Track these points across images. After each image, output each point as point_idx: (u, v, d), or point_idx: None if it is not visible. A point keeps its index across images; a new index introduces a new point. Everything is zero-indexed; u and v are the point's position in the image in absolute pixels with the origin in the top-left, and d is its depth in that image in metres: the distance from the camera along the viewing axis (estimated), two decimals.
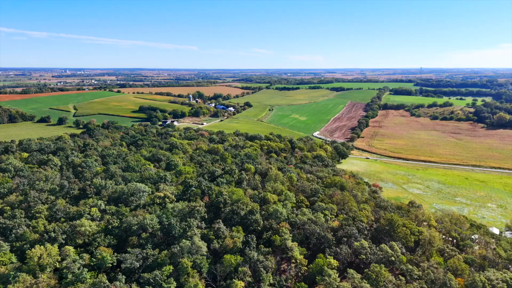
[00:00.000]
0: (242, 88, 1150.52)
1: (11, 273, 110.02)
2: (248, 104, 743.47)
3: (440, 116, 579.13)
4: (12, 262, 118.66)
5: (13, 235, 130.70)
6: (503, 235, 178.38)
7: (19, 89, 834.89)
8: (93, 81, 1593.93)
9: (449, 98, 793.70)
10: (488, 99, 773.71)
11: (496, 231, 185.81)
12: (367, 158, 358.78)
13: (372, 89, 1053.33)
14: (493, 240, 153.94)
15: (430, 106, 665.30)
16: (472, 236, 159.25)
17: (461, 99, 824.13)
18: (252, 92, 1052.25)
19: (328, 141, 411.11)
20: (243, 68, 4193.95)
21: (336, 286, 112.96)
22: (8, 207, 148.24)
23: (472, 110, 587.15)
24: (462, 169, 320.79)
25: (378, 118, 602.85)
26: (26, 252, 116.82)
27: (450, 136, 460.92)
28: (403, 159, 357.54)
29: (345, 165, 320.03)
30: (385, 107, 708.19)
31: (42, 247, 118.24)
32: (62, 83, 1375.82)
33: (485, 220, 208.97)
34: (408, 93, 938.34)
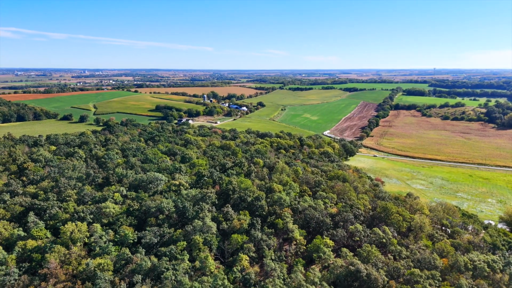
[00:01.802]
0: (256, 88, 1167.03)
1: (47, 245, 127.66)
2: (261, 104, 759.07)
3: (451, 117, 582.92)
4: (47, 237, 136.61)
5: (47, 214, 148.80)
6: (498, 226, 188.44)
7: (41, 89, 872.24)
8: (111, 81, 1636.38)
9: (463, 99, 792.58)
10: (502, 100, 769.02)
11: (492, 223, 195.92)
12: (374, 156, 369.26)
13: (385, 89, 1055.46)
14: (483, 229, 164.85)
15: (442, 106, 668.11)
16: (468, 227, 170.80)
17: (474, 99, 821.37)
18: (266, 93, 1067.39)
19: (337, 139, 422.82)
20: (258, 69, 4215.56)
21: (330, 262, 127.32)
22: (41, 192, 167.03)
23: (483, 110, 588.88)
24: (468, 167, 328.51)
25: (389, 118, 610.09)
26: (60, 228, 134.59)
27: (460, 135, 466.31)
28: (410, 157, 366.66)
29: (352, 162, 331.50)
30: (397, 107, 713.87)
31: (73, 224, 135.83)
32: (81, 83, 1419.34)
33: (483, 213, 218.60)
34: (421, 93, 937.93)
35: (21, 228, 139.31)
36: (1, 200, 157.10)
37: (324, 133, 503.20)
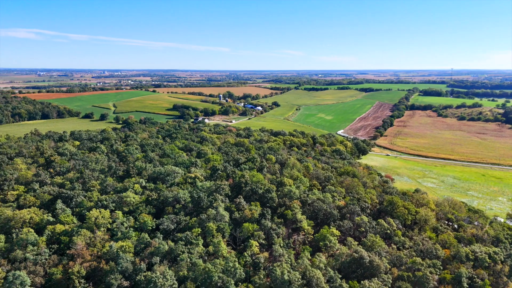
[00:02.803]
0: (271, 88, 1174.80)
1: (74, 229, 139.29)
2: (276, 104, 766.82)
3: (467, 117, 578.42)
4: (74, 222, 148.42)
5: (73, 202, 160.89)
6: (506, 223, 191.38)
7: (64, 88, 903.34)
8: (129, 81, 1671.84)
9: (481, 100, 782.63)
10: None
11: (500, 220, 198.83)
12: (387, 155, 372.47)
13: (401, 90, 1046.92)
14: (488, 224, 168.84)
15: (458, 107, 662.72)
16: (474, 222, 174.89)
17: (493, 100, 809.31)
18: (281, 93, 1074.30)
19: (350, 138, 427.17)
20: (274, 69, 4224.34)
21: (335, 250, 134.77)
22: (67, 182, 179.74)
23: (501, 111, 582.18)
24: (481, 167, 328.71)
25: (404, 118, 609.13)
26: (85, 214, 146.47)
27: (475, 136, 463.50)
28: (423, 156, 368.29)
29: (365, 160, 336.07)
30: (412, 107, 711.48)
31: (97, 211, 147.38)
32: (101, 83, 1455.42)
33: (493, 211, 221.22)
34: (438, 94, 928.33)
35: (50, 214, 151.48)
36: (32, 189, 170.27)
37: (337, 132, 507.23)
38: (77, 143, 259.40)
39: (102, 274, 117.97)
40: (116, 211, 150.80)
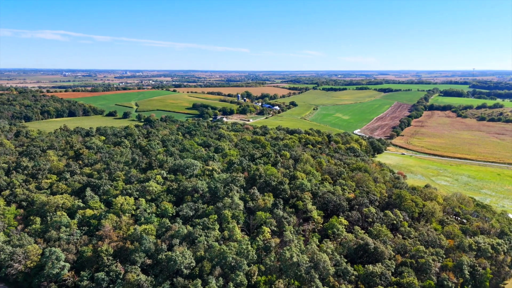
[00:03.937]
0: (289, 88, 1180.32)
1: (102, 213, 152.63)
2: (293, 104, 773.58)
3: (487, 118, 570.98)
4: (101, 208, 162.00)
5: (101, 190, 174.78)
6: None
7: (89, 88, 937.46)
8: (151, 81, 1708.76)
9: (503, 100, 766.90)
10: None
11: (510, 216, 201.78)
12: (402, 154, 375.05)
13: (421, 90, 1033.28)
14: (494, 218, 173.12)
15: (479, 107, 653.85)
16: (482, 216, 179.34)
17: None
18: (299, 93, 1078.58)
19: (365, 137, 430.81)
20: (293, 69, 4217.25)
21: (343, 237, 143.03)
22: (95, 172, 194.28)
23: None
24: (497, 166, 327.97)
25: (422, 118, 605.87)
26: (112, 200, 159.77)
27: (494, 136, 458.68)
28: (439, 156, 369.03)
29: (379, 158, 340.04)
30: (431, 108, 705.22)
31: (122, 198, 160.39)
32: (123, 83, 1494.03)
33: (504, 209, 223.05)
34: (458, 94, 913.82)
35: (80, 200, 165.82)
36: (63, 178, 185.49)
37: (354, 131, 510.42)
38: (103, 138, 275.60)
39: (128, 253, 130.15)
40: (139, 199, 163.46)
